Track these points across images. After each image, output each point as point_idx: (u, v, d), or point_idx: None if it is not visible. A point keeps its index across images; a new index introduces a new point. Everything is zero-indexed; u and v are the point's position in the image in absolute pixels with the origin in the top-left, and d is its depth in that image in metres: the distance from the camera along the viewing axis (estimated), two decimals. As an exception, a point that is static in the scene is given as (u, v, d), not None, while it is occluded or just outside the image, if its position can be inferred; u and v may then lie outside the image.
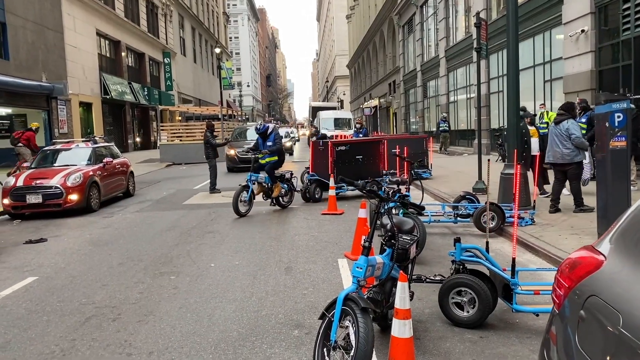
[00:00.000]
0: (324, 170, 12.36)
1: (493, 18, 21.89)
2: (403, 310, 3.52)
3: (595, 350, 1.98)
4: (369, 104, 56.86)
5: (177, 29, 45.46)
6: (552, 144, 8.89)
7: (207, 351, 4.33)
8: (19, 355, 4.40)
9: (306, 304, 5.37)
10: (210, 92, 56.09)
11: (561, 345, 2.28)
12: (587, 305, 2.10)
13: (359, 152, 13.10)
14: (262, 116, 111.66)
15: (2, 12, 18.89)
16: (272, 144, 11.16)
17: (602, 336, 1.95)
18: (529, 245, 7.18)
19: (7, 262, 7.67)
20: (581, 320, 2.11)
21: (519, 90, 9.61)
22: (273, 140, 11.22)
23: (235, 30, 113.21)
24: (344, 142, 13.21)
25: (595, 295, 2.07)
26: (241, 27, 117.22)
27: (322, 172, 12.39)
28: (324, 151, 12.55)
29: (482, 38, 11.77)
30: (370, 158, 13.47)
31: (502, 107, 21.40)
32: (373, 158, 13.63)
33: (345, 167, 12.41)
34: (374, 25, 51.32)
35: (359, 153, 13.05)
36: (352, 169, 12.50)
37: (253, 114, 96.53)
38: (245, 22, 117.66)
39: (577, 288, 2.23)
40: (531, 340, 4.33)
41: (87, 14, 27.11)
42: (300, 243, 8.20)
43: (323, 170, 12.39)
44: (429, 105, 34.97)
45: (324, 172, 12.31)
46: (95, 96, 27.99)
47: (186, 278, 6.45)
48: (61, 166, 12.37)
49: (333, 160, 12.22)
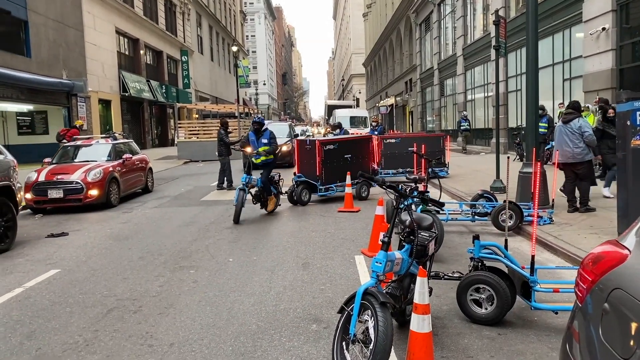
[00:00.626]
0: (311, 171, 11.70)
1: (511, 16, 21.71)
2: (422, 305, 3.54)
3: (620, 343, 1.99)
4: (385, 102, 56.70)
5: (195, 27, 45.77)
6: (562, 144, 8.79)
7: (227, 343, 4.39)
8: (44, 344, 4.50)
9: (324, 299, 5.41)
10: (227, 90, 56.39)
11: (584, 341, 2.29)
12: (611, 299, 2.11)
13: (347, 150, 12.48)
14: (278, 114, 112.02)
15: (25, 10, 19.20)
16: (267, 142, 10.35)
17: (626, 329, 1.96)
18: (548, 244, 7.14)
19: (31, 254, 7.82)
20: (605, 313, 2.12)
21: (538, 89, 9.54)
22: (268, 139, 10.38)
23: (252, 29, 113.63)
24: (332, 141, 12.45)
25: (619, 289, 2.08)
26: (258, 26, 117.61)
27: (309, 172, 11.70)
28: (310, 151, 11.75)
29: (501, 36, 11.68)
30: (359, 157, 12.83)
31: (521, 106, 21.23)
32: (362, 157, 13.00)
33: (334, 167, 11.93)
34: (390, 23, 51.16)
35: (347, 152, 12.43)
36: (341, 169, 11.96)
37: (269, 112, 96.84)
38: (261, 21, 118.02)
39: (600, 282, 2.24)
40: (550, 338, 4.32)
41: (107, 12, 27.43)
42: (317, 239, 8.24)
43: (310, 171, 11.70)
44: (445, 103, 34.79)
45: (311, 173, 11.67)
46: (114, 93, 28.33)
47: (205, 272, 6.53)
48: (82, 162, 12.56)
49: (321, 160, 11.59)
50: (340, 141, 12.64)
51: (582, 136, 8.55)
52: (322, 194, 11.78)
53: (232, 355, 4.15)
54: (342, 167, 12.04)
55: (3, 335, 4.72)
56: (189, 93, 41.59)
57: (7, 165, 8.67)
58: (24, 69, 18.74)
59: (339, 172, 11.89)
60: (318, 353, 4.16)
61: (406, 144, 14.69)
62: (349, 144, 12.78)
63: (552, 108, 18.20)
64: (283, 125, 26.61)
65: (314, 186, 11.60)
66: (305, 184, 11.54)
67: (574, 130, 8.60)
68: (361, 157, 12.91)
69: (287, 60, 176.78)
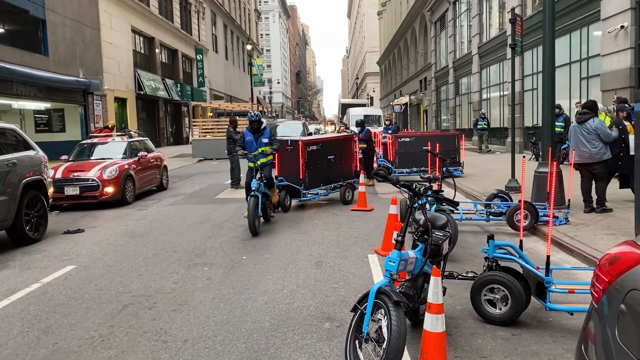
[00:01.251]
0: (293, 174, 10.71)
1: (528, 14, 21.50)
2: (436, 305, 3.53)
3: (636, 344, 1.96)
4: (399, 101, 56.50)
5: (210, 26, 45.99)
6: (578, 144, 8.68)
7: (240, 340, 4.41)
8: (61, 339, 4.56)
9: (337, 298, 5.41)
10: (241, 88, 56.60)
11: (599, 342, 2.27)
12: (627, 300, 2.08)
13: (331, 151, 11.48)
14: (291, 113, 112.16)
15: (43, 9, 19.44)
16: (268, 142, 9.36)
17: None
18: (563, 244, 7.07)
19: (48, 250, 7.93)
20: (621, 314, 2.10)
21: (554, 88, 9.45)
22: (269, 137, 9.42)
23: (266, 27, 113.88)
24: (315, 141, 11.37)
25: (636, 290, 2.05)
26: (272, 24, 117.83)
27: (291, 176, 10.72)
28: (293, 152, 10.70)
29: (517, 34, 11.58)
30: (342, 158, 11.89)
31: (537, 105, 21.03)
32: (345, 158, 12.04)
33: (317, 170, 11.03)
34: (405, 21, 50.96)
35: (330, 152, 11.45)
36: (325, 172, 11.20)
37: (282, 111, 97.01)
38: (276, 19, 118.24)
39: (617, 283, 2.21)
40: (565, 339, 4.28)
41: (123, 11, 27.67)
42: (330, 238, 8.24)
43: (292, 174, 10.72)
44: (460, 102, 34.57)
45: (294, 176, 10.69)
46: (130, 92, 28.58)
47: (219, 269, 6.57)
48: (98, 159, 12.70)
49: (305, 162, 10.60)
50: (323, 141, 11.60)
51: (599, 136, 8.45)
52: (305, 199, 10.99)
53: (246, 352, 4.17)
54: (326, 169, 11.28)
55: (21, 329, 4.80)
56: (203, 91, 41.82)
57: (39, 161, 9.12)
58: (41, 68, 18.98)
59: (322, 174, 11.15)
60: (331, 351, 4.16)
61: (420, 143, 14.55)
62: (332, 144, 11.81)
63: (568, 107, 17.99)
64: (297, 123, 26.68)
65: (297, 190, 10.69)
66: (288, 188, 10.64)
67: (590, 131, 8.50)
68: (344, 158, 11.97)
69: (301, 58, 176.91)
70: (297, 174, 10.65)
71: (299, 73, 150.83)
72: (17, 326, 4.88)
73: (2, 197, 7.85)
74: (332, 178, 11.47)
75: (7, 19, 18.30)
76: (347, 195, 11.51)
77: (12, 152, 8.41)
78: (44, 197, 9.03)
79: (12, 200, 8.05)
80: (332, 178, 11.47)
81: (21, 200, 8.27)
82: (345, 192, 11.48)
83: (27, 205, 8.43)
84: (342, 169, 11.77)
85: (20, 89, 17.69)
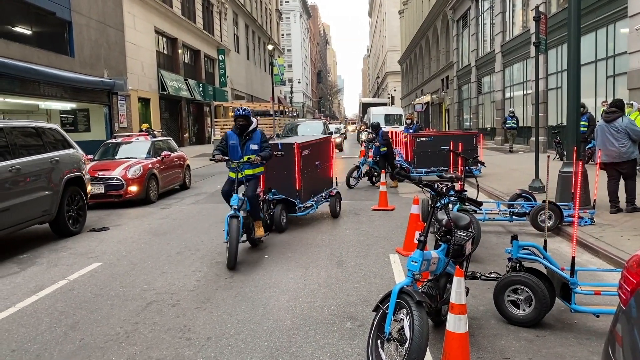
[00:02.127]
0: (287, 185, 8.95)
1: (552, 12, 21.18)
2: (459, 305, 3.51)
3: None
4: (420, 100, 56.16)
5: (232, 26, 46.30)
6: (606, 143, 8.53)
7: (263, 338, 4.44)
8: (87, 335, 4.65)
9: (358, 297, 5.41)
10: (262, 88, 56.86)
11: (627, 344, 2.23)
12: (656, 302, 2.05)
13: (317, 155, 9.92)
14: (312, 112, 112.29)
15: (69, 11, 19.80)
16: (257, 149, 7.36)
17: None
18: (589, 245, 6.95)
19: (73, 248, 8.09)
20: (650, 317, 2.06)
21: (579, 87, 9.29)
22: (259, 143, 7.40)
23: (288, 27, 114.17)
24: (307, 144, 9.43)
25: (666, 292, 2.02)
26: (293, 24, 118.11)
27: (284, 187, 8.94)
28: (285, 159, 8.74)
29: (542, 32, 11.42)
30: (324, 163, 10.34)
31: (561, 104, 20.70)
32: (326, 163, 10.47)
33: (308, 178, 9.40)
34: (427, 20, 50.61)
35: (317, 157, 9.90)
36: (313, 180, 9.65)
37: (303, 110, 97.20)
38: (297, 19, 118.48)
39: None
40: (591, 342, 4.22)
41: (146, 12, 28.03)
42: (351, 238, 8.24)
43: (285, 184, 8.95)
44: (483, 101, 34.21)
45: (287, 188, 8.94)
46: (153, 92, 28.93)
47: (241, 268, 6.62)
48: (122, 159, 12.91)
49: (300, 170, 8.99)
50: (313, 144, 9.72)
51: (627, 135, 8.31)
52: (301, 214, 9.21)
53: (268, 351, 4.21)
54: (314, 177, 9.70)
55: (49, 325, 4.91)
56: (225, 91, 42.13)
57: (78, 158, 9.64)
58: (67, 69, 19.33)
59: (312, 183, 9.57)
60: (353, 350, 4.17)
61: (439, 142, 14.57)
62: (319, 148, 10.11)
63: (594, 106, 17.68)
64: (317, 123, 26.72)
65: (292, 205, 8.95)
66: (283, 203, 8.85)
67: (619, 129, 8.36)
68: (326, 162, 10.45)
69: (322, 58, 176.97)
70: (292, 185, 8.94)
71: (320, 72, 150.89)
72: (45, 322, 4.99)
73: (47, 191, 8.39)
74: (318, 187, 9.96)
75: (34, 21, 18.68)
76: (337, 208, 10.00)
77: (54, 150, 8.94)
78: (83, 193, 9.56)
79: (55, 195, 8.60)
80: (318, 187, 9.96)
81: (63, 195, 8.80)
82: (336, 203, 9.96)
83: (68, 201, 8.96)
84: (325, 176, 10.39)
85: (47, 89, 18.05)
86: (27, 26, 18.35)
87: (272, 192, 8.76)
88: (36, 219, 8.23)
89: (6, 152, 7.68)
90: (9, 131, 7.94)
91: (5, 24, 17.23)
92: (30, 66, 16.46)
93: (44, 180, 8.38)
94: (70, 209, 9.07)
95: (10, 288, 6.12)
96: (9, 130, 7.95)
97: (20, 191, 7.75)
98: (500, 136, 29.12)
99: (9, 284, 6.28)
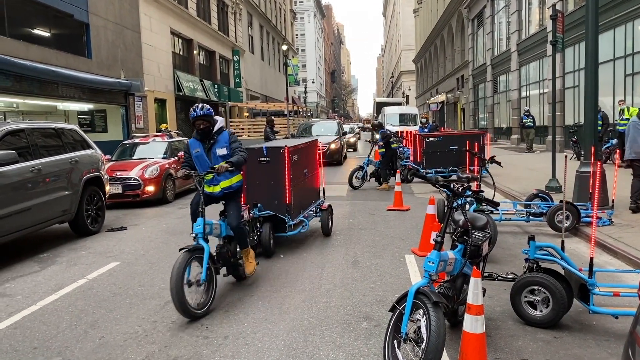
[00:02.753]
0: (275, 199, 7.39)
1: (569, 10, 20.95)
2: (476, 306, 3.51)
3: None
4: (435, 99, 55.88)
5: (246, 27, 46.49)
6: (637, 139, 8.44)
7: (279, 338, 4.48)
8: (106, 333, 4.72)
9: (374, 297, 5.42)
10: (277, 88, 56.99)
11: (647, 346, 2.21)
12: (677, 304, 2.03)
13: (305, 162, 8.39)
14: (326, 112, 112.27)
15: (86, 13, 20.03)
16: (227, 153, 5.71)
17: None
18: (607, 246, 6.88)
19: (92, 247, 8.20)
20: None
21: (597, 85, 9.18)
22: (228, 145, 5.75)
23: (302, 27, 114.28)
24: (296, 148, 7.83)
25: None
26: (307, 24, 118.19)
27: (272, 202, 7.36)
28: (270, 167, 7.36)
29: (558, 30, 11.31)
30: (312, 170, 8.86)
31: (578, 103, 20.47)
32: (314, 171, 9.01)
33: (297, 190, 7.82)
34: (442, 19, 50.35)
35: (305, 164, 8.38)
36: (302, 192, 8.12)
37: (317, 110, 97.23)
38: (311, 19, 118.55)
39: (666, 286, 2.16)
40: (609, 344, 4.19)
41: (162, 14, 28.26)
42: (366, 238, 8.24)
43: (274, 198, 7.38)
44: (499, 100, 33.94)
45: (277, 202, 7.38)
46: (169, 93, 29.15)
47: (257, 267, 6.65)
48: (139, 159, 13.05)
49: (290, 179, 7.44)
50: (301, 148, 8.16)
51: None
52: (292, 234, 7.61)
53: (285, 350, 4.24)
54: (303, 187, 8.16)
55: (69, 323, 4.99)
56: (240, 92, 42.30)
57: (97, 159, 9.82)
58: (85, 70, 19.55)
59: (301, 195, 8.02)
60: (369, 350, 4.18)
61: (448, 142, 14.74)
62: (307, 153, 8.57)
63: (612, 105, 17.46)
64: (332, 122, 26.70)
65: (281, 222, 7.40)
66: (272, 221, 7.25)
67: None
68: (313, 170, 8.95)
69: (336, 58, 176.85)
70: (281, 198, 7.39)
71: (334, 72, 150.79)
72: (65, 320, 5.08)
73: (67, 191, 8.55)
74: (307, 200, 8.46)
75: (52, 23, 18.94)
76: (330, 223, 8.52)
77: (74, 151, 9.09)
78: (102, 193, 9.72)
79: (75, 194, 8.76)
80: (307, 200, 8.46)
81: (82, 195, 8.97)
82: (328, 219, 8.45)
83: (87, 200, 9.12)
84: (312, 187, 8.90)
85: (65, 90, 18.27)
86: (45, 28, 18.60)
87: (257, 208, 7.13)
88: (56, 219, 8.37)
89: (27, 153, 7.82)
90: (30, 132, 8.09)
91: (25, 27, 17.50)
92: (49, 68, 16.69)
93: (64, 180, 8.53)
94: (89, 209, 9.23)
95: (31, 286, 6.24)
96: (30, 131, 8.10)
97: (40, 191, 7.89)
98: (517, 135, 28.89)
99: (30, 282, 6.40)
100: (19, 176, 7.44)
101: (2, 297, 5.88)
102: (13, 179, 7.30)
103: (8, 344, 4.55)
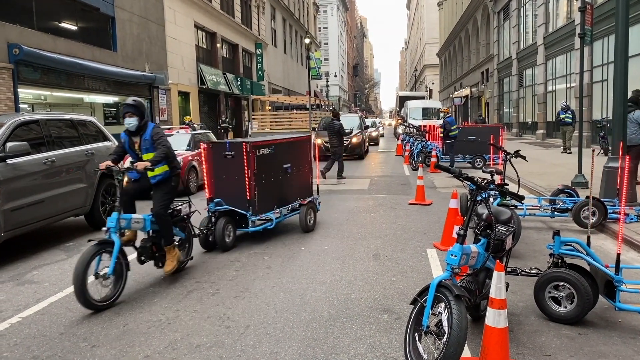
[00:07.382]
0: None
1: (598, 2, 20.48)
2: (499, 300, 3.47)
3: None
4: (459, 93, 55.27)
5: (269, 20, 46.54)
6: None
7: (300, 328, 4.50)
8: (130, 320, 4.80)
9: (395, 290, 5.41)
10: (299, 82, 57.01)
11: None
12: None
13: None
14: (348, 106, 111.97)
15: (112, 6, 20.30)
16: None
17: None
18: (635, 242, 6.75)
19: (117, 237, 8.33)
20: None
21: (627, 79, 8.97)
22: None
23: (325, 21, 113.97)
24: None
25: None
26: (330, 17, 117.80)
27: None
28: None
29: (587, 23, 11.07)
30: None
31: (607, 98, 20.03)
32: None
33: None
34: (467, 11, 49.70)
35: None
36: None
37: (339, 104, 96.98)
38: (334, 12, 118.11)
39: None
40: (636, 341, 4.11)
41: (186, 7, 28.46)
42: (388, 232, 8.22)
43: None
44: (524, 94, 33.43)
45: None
46: (193, 86, 29.39)
47: (278, 259, 6.70)
48: (163, 151, 13.16)
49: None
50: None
51: None
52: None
53: (305, 340, 4.25)
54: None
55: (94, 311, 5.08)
56: (262, 85, 42.44)
57: None
58: (110, 63, 19.84)
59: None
60: (390, 343, 4.18)
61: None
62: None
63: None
64: (354, 116, 26.62)
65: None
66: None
67: None
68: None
69: (359, 51, 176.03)
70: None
71: (356, 66, 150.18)
72: (91, 307, 5.17)
73: (82, 184, 8.41)
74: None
75: (79, 16, 19.23)
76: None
77: (91, 143, 8.98)
78: None
79: (90, 187, 8.63)
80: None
81: (98, 188, 8.84)
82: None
83: (103, 193, 8.99)
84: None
85: (91, 83, 18.57)
86: (72, 22, 18.90)
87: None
88: (70, 212, 8.16)
89: (41, 145, 7.67)
90: (44, 123, 7.95)
91: (53, 20, 17.81)
92: (76, 60, 16.97)
93: (79, 172, 8.35)
94: (106, 201, 9.03)
95: (58, 274, 6.37)
96: (44, 122, 7.95)
97: (54, 183, 7.71)
98: (542, 130, 28.44)
99: (57, 270, 6.54)
100: (32, 168, 7.26)
101: (30, 284, 6.02)
102: (26, 171, 7.13)
103: (36, 329, 4.67)
